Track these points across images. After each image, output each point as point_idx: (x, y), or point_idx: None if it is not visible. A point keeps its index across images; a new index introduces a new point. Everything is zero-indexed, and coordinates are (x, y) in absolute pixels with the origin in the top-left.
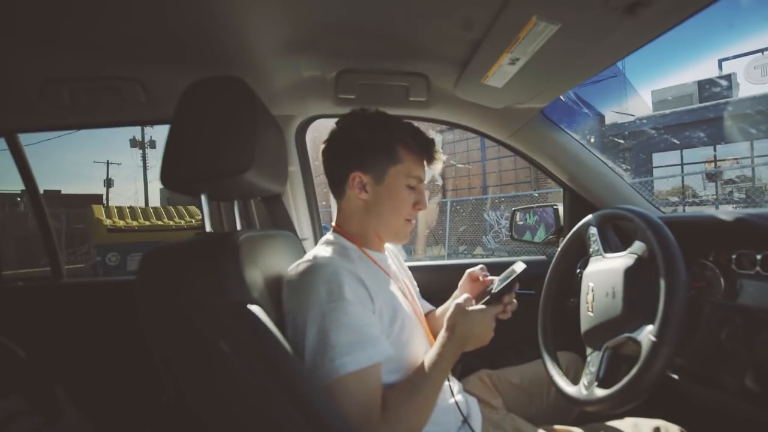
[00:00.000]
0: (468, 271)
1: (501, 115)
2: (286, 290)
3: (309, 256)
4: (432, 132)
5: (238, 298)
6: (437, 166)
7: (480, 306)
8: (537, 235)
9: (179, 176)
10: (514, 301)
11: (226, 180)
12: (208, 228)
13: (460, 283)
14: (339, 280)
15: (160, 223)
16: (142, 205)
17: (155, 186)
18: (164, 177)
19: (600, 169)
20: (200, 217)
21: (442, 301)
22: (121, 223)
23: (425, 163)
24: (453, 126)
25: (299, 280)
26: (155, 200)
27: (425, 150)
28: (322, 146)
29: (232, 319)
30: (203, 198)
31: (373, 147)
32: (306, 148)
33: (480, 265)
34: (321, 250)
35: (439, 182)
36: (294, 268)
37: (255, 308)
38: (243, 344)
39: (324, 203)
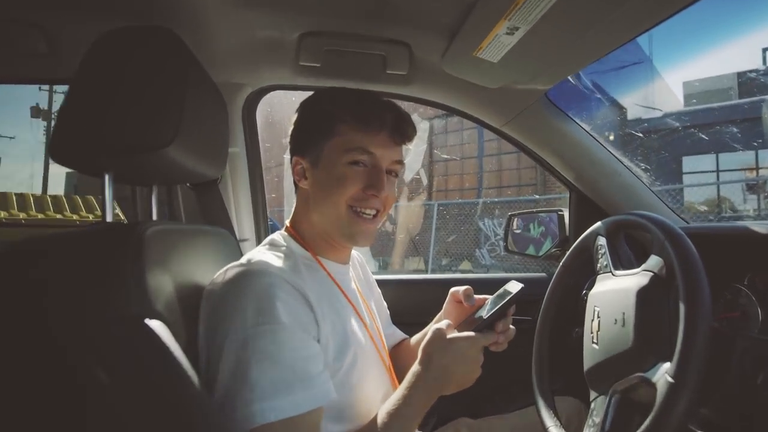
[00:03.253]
0: (451, 290)
1: (496, 96)
2: (205, 304)
3: (243, 259)
4: (418, 118)
5: (133, 311)
6: (400, 136)
7: (467, 333)
8: (538, 246)
9: (75, 148)
10: (511, 327)
11: (138, 157)
12: (108, 217)
13: (444, 305)
14: (273, 295)
15: (59, 216)
16: (40, 191)
17: (60, 169)
18: (55, 149)
19: (614, 168)
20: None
21: (419, 326)
22: (2, 214)
23: (379, 131)
24: (437, 107)
25: (223, 292)
26: (58, 187)
27: (368, 114)
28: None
29: (119, 338)
30: (106, 179)
31: (306, 123)
32: (256, 125)
33: (465, 287)
34: (259, 253)
35: (424, 181)
36: (220, 275)
37: (155, 324)
38: (129, 375)
39: (273, 195)
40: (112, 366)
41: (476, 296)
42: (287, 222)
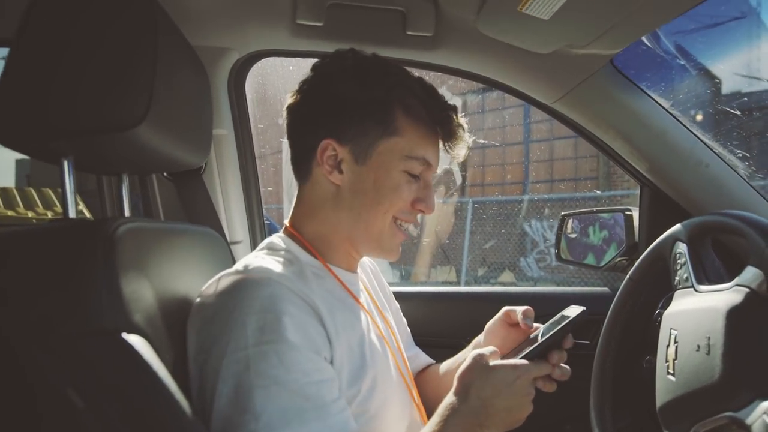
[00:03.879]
0: (505, 309)
1: (547, 64)
2: (194, 318)
3: (238, 266)
4: (447, 92)
5: (106, 324)
6: (458, 151)
7: (514, 360)
8: (598, 254)
9: (23, 128)
10: (564, 354)
11: (102, 139)
12: (71, 212)
13: (489, 325)
14: (279, 309)
15: (10, 214)
16: None
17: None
18: None
19: (700, 156)
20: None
21: (448, 350)
22: None
23: (440, 140)
24: (471, 78)
25: (217, 304)
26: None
27: (440, 119)
28: (290, 99)
29: (92, 356)
30: (65, 166)
31: (359, 107)
32: (245, 100)
33: (525, 307)
34: (258, 258)
35: (456, 174)
36: (212, 284)
37: (134, 339)
38: (107, 399)
39: (270, 189)
40: (87, 388)
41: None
42: (286, 222)
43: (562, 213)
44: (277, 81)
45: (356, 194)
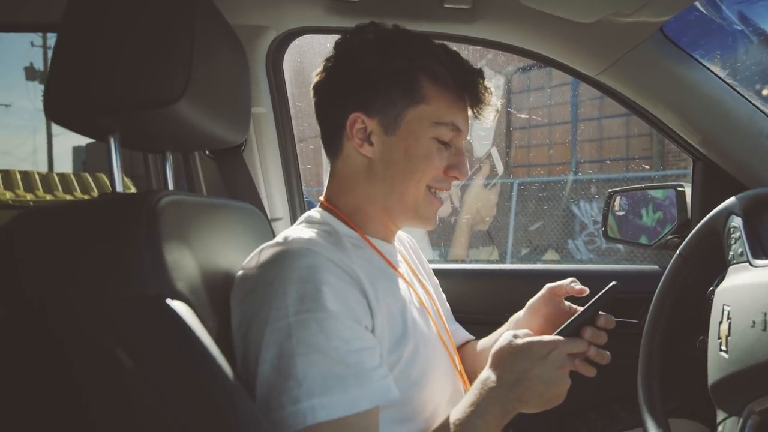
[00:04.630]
0: (548, 286)
1: (591, 34)
2: (237, 289)
3: (278, 238)
4: (488, 70)
5: (150, 289)
6: (486, 115)
7: (550, 337)
8: (649, 233)
9: (71, 104)
10: (601, 333)
11: (144, 114)
12: (118, 187)
13: (531, 303)
14: (318, 279)
15: (68, 197)
16: (45, 169)
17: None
18: (50, 105)
19: (759, 127)
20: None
21: (486, 327)
22: (8, 195)
23: (467, 105)
24: (513, 52)
25: (259, 275)
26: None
27: (465, 83)
28: (315, 78)
29: (139, 319)
30: (111, 142)
31: (384, 78)
32: (283, 78)
33: (570, 279)
34: (297, 231)
35: (497, 160)
36: (254, 256)
37: (178, 305)
38: (154, 360)
39: (309, 167)
40: (135, 349)
41: (570, 304)
42: (321, 198)
43: (610, 190)
44: (316, 59)
45: (388, 165)
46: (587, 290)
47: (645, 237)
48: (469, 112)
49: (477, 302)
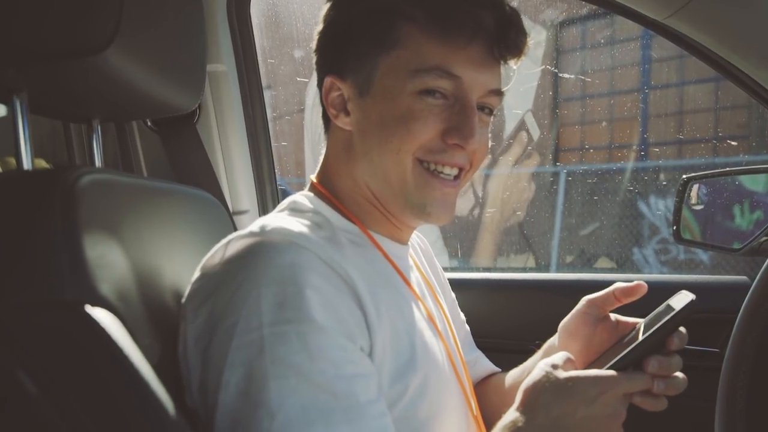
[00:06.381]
0: (586, 299)
1: None
2: (195, 293)
3: (253, 227)
4: (528, 22)
5: (65, 293)
6: (508, 57)
7: (596, 372)
8: (737, 234)
9: None
10: (679, 375)
11: (59, 67)
12: (25, 164)
13: (565, 323)
14: (302, 281)
15: None
16: None
17: None
18: None
19: None
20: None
21: (517, 356)
22: None
23: (470, 40)
24: None
25: (224, 274)
26: None
27: (453, 11)
28: (315, 35)
29: (48, 332)
30: (18, 106)
31: (351, 26)
32: (251, 27)
33: (618, 284)
34: (278, 219)
35: (532, 126)
36: (218, 250)
37: (100, 314)
38: (66, 384)
39: (285, 144)
40: (42, 370)
41: (618, 317)
42: (313, 177)
43: (684, 176)
44: (293, 1)
45: (364, 135)
46: (644, 285)
47: (730, 238)
48: (480, 53)
49: (499, 322)
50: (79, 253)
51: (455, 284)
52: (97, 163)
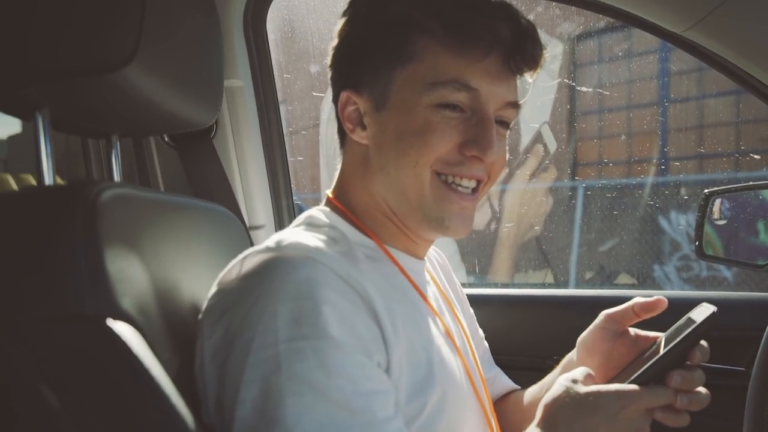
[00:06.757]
0: (605, 313)
1: None
2: (212, 308)
3: (269, 242)
4: (544, 35)
5: (86, 307)
6: (524, 69)
7: (617, 386)
8: (762, 249)
9: None
10: (702, 390)
11: (80, 84)
12: (46, 179)
13: (583, 338)
14: (319, 297)
15: None
16: None
17: None
18: None
19: None
20: None
21: (535, 373)
22: None
23: (486, 54)
24: (571, 3)
25: (241, 289)
26: None
27: (470, 24)
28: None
29: (70, 346)
30: (40, 122)
31: (367, 40)
32: (267, 42)
33: (637, 299)
34: (294, 234)
35: (549, 138)
36: (235, 266)
37: (122, 328)
38: (87, 398)
39: (301, 159)
40: (64, 384)
41: (637, 331)
42: (329, 192)
43: (706, 190)
44: (309, 18)
45: (381, 149)
46: (664, 300)
47: (756, 255)
48: (497, 66)
49: (516, 338)
50: (100, 267)
51: (473, 300)
52: (116, 177)
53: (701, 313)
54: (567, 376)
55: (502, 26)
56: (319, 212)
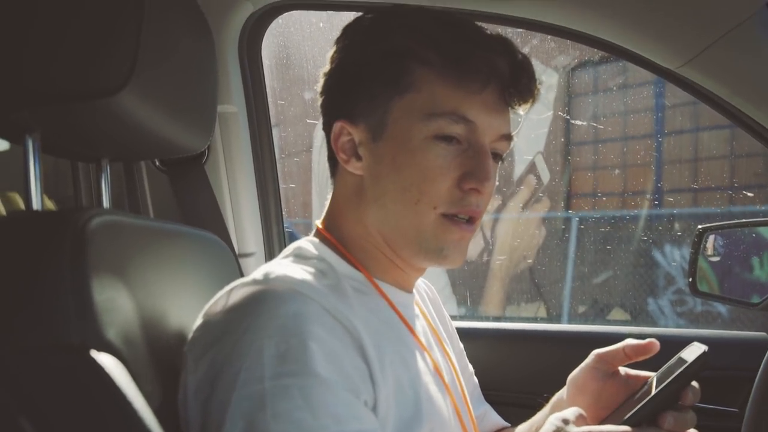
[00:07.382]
0: (596, 352)
1: (674, 13)
2: (196, 343)
3: (256, 275)
4: (539, 65)
5: (71, 337)
6: (519, 103)
7: (612, 427)
8: (754, 287)
9: None
10: (687, 416)
11: (73, 108)
12: (35, 204)
13: (573, 377)
14: (306, 332)
15: None
16: None
17: None
18: None
19: None
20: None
21: (525, 410)
22: None
23: (483, 87)
24: (566, 37)
25: (227, 323)
26: None
27: (468, 56)
28: (322, 77)
29: (51, 377)
30: (30, 146)
31: (363, 69)
32: (261, 68)
33: (629, 341)
34: (282, 266)
35: (543, 170)
36: (221, 298)
37: (106, 360)
38: (71, 428)
39: (293, 186)
40: (44, 416)
41: (628, 371)
42: (318, 223)
43: (700, 226)
44: (304, 44)
45: (377, 180)
46: (656, 343)
47: (751, 292)
48: (493, 98)
49: (511, 374)
50: (87, 297)
51: (463, 333)
52: (105, 203)
53: (692, 352)
54: (558, 416)
55: (500, 60)
56: (308, 243)
